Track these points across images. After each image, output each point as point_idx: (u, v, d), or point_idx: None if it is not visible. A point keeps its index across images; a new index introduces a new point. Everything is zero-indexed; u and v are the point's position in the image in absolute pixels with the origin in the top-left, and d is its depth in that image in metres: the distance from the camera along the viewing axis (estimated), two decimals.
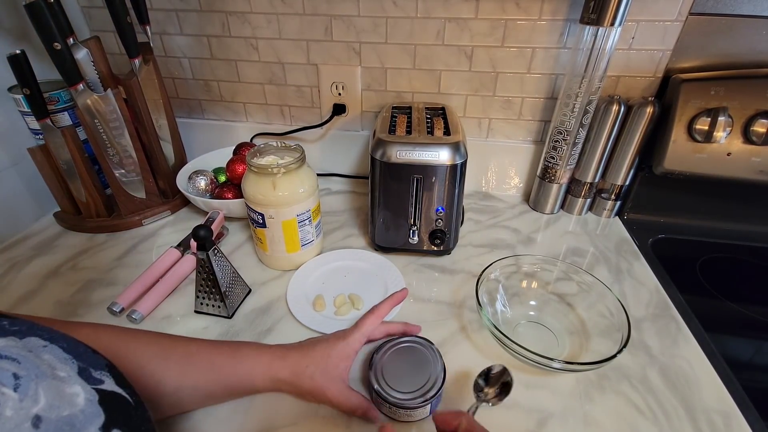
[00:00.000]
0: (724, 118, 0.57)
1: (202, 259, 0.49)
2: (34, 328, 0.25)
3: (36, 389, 0.21)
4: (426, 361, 0.42)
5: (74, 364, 0.24)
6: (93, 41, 0.59)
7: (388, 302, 0.48)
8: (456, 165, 0.54)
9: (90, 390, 0.23)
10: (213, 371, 0.40)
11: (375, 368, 0.42)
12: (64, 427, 0.21)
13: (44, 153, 0.62)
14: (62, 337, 0.26)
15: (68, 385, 0.23)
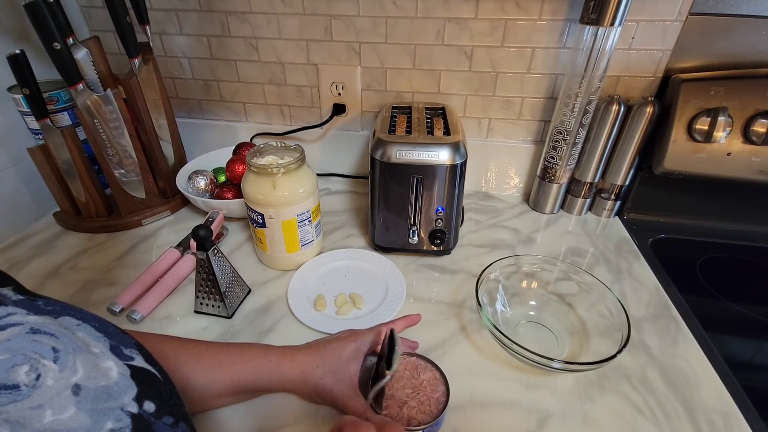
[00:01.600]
0: (724, 118, 0.57)
1: (201, 259, 0.49)
2: (68, 309, 0.26)
3: (74, 361, 0.23)
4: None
5: (106, 341, 0.26)
6: (93, 41, 0.59)
7: (402, 321, 0.48)
8: (456, 165, 0.54)
9: (122, 365, 0.25)
10: (221, 369, 0.39)
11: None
12: (102, 395, 0.22)
13: (44, 153, 0.62)
14: (93, 317, 0.27)
15: (102, 360, 0.24)
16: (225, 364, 0.40)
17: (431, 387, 0.40)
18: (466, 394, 0.43)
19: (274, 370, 0.40)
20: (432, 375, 0.41)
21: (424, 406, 0.39)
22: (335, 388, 0.40)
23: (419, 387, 0.40)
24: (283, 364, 0.41)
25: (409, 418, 0.38)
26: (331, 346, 0.42)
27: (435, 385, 0.40)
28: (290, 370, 0.40)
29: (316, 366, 0.40)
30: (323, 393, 0.40)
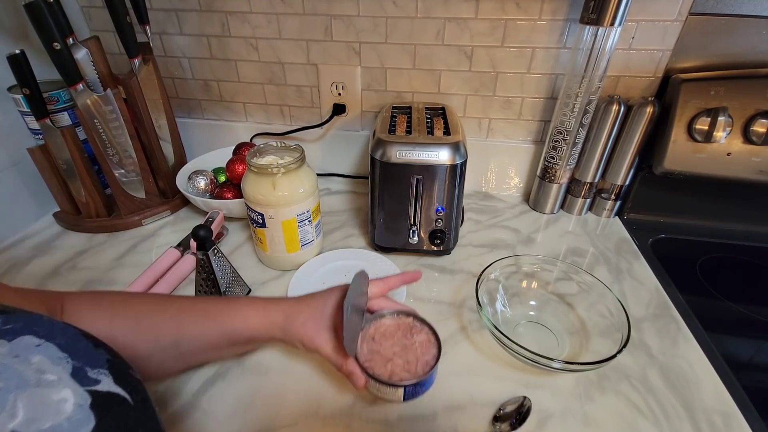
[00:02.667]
0: (724, 118, 0.57)
1: (201, 259, 0.49)
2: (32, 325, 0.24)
3: (14, 402, 0.20)
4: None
5: (68, 363, 0.23)
6: (93, 41, 0.59)
7: (399, 277, 0.48)
8: (456, 165, 0.54)
9: (82, 392, 0.22)
10: (208, 320, 0.40)
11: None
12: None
13: (44, 153, 0.62)
14: (61, 332, 0.25)
15: (56, 390, 0.22)
16: (213, 314, 0.40)
17: (422, 349, 0.40)
18: (466, 394, 0.43)
19: (261, 317, 0.41)
20: (426, 338, 0.42)
21: (410, 366, 0.39)
22: (316, 336, 0.40)
23: (409, 347, 0.41)
24: (269, 311, 0.41)
25: (391, 374, 0.38)
26: (317, 295, 0.43)
27: (427, 348, 0.41)
28: (276, 317, 0.41)
29: (299, 313, 0.41)
30: (305, 339, 0.40)
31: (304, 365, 0.46)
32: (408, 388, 0.38)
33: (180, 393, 0.43)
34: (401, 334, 0.42)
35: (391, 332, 0.42)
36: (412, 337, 0.42)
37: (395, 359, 0.40)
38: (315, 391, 0.43)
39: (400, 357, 0.40)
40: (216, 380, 0.44)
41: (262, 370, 0.45)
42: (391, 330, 0.43)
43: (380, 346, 0.41)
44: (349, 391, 0.43)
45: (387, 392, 0.39)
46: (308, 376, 0.45)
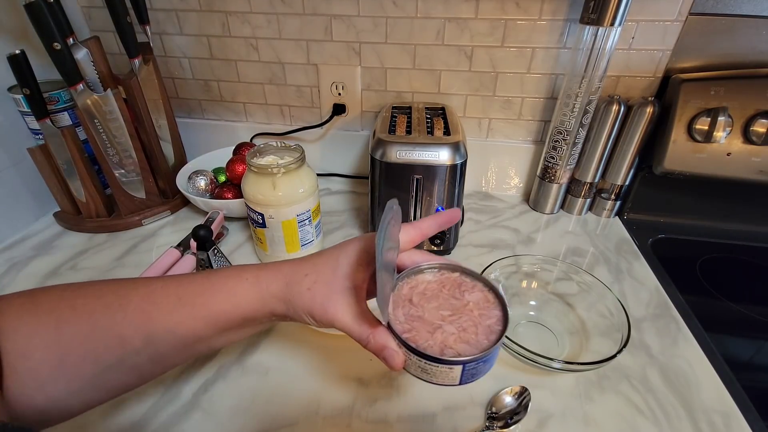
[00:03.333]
0: (724, 118, 0.57)
1: (201, 259, 0.49)
2: None
3: None
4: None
5: None
6: (93, 41, 0.59)
7: (434, 219, 0.35)
8: (456, 165, 0.54)
9: None
10: (184, 306, 0.31)
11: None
12: None
13: (44, 153, 0.62)
14: None
15: None
16: (189, 297, 0.31)
17: (480, 311, 0.30)
18: (466, 394, 0.43)
19: (253, 289, 0.32)
20: (482, 296, 0.31)
21: (467, 334, 0.29)
22: (328, 303, 0.30)
23: (461, 310, 0.30)
24: (262, 278, 0.32)
25: (443, 348, 0.28)
26: (327, 252, 0.33)
27: (486, 309, 0.30)
28: (272, 283, 0.32)
29: (304, 275, 0.31)
30: (314, 309, 0.30)
31: (304, 365, 0.46)
32: (468, 365, 0.27)
33: (180, 393, 0.43)
34: (447, 293, 0.32)
35: (435, 291, 0.32)
36: (463, 297, 0.31)
37: (445, 326, 0.29)
38: (315, 391, 0.43)
39: (452, 323, 0.29)
40: (216, 380, 0.44)
41: (262, 370, 0.45)
42: (434, 289, 0.32)
43: (422, 310, 0.30)
44: (349, 391, 0.43)
45: (437, 373, 0.28)
46: (308, 376, 0.45)
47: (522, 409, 0.41)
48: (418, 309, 0.30)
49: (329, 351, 0.47)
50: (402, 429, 0.40)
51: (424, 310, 0.30)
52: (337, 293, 0.30)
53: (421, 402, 0.42)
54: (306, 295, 0.31)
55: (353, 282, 0.31)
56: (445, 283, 0.32)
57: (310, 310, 0.31)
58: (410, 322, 0.30)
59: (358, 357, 0.46)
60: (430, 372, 0.28)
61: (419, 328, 0.29)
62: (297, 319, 0.32)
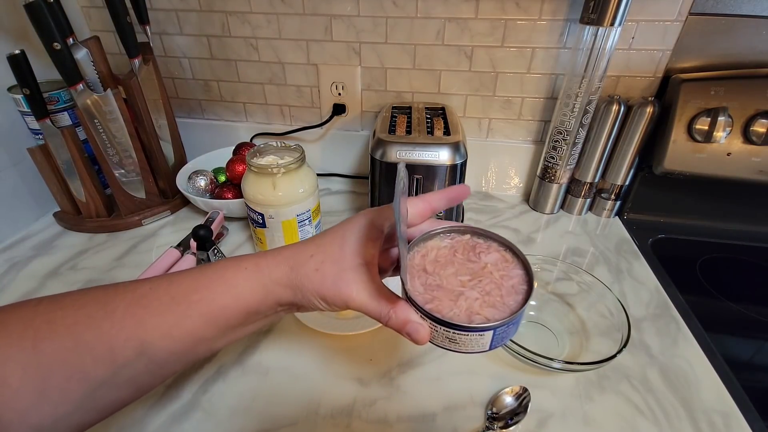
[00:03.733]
0: (724, 118, 0.57)
1: (201, 259, 0.49)
2: None
3: None
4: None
5: None
6: (93, 41, 0.59)
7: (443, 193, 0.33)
8: (456, 165, 0.54)
9: None
10: (179, 305, 0.28)
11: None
12: None
13: (44, 153, 0.62)
14: None
15: None
16: (182, 296, 0.29)
17: (501, 272, 0.29)
18: (466, 394, 0.43)
19: (253, 277, 0.29)
20: (499, 256, 0.30)
21: (492, 298, 0.27)
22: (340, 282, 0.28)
23: (481, 273, 0.29)
24: (263, 265, 0.30)
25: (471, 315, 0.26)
26: (332, 230, 0.31)
27: (506, 269, 0.29)
28: (275, 269, 0.29)
29: (309, 256, 0.29)
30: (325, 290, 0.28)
31: (304, 365, 0.46)
32: (499, 329, 0.26)
33: (180, 393, 0.43)
34: (462, 257, 0.30)
35: (448, 257, 0.30)
36: (480, 259, 0.29)
37: (467, 292, 0.27)
38: (315, 391, 0.43)
39: (474, 288, 0.28)
40: (216, 380, 0.44)
41: (262, 370, 0.45)
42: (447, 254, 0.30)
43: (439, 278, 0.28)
44: (349, 391, 0.43)
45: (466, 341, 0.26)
46: (308, 376, 0.45)
47: (522, 410, 0.41)
48: (435, 277, 0.28)
49: (329, 351, 0.47)
50: (402, 429, 0.40)
51: (442, 278, 0.28)
52: (348, 271, 0.28)
53: (421, 402, 0.42)
54: (314, 276, 0.28)
55: (363, 258, 0.28)
56: (457, 247, 0.31)
57: (321, 292, 0.28)
58: (430, 291, 0.28)
59: (358, 357, 0.46)
60: (459, 341, 0.27)
61: (441, 297, 0.27)
62: (307, 306, 0.29)
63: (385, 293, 0.28)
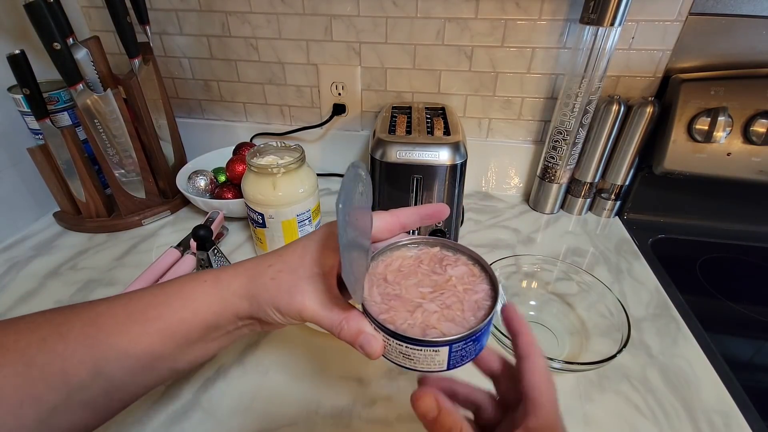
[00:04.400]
0: (724, 118, 0.57)
1: (201, 259, 0.49)
2: None
3: None
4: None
5: None
6: (93, 41, 0.59)
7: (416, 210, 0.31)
8: (456, 165, 0.54)
9: None
10: (135, 322, 0.27)
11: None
12: None
13: (44, 153, 0.62)
14: None
15: None
16: (138, 313, 0.28)
17: (465, 286, 0.27)
18: None
19: (212, 290, 0.28)
20: (466, 270, 0.28)
21: (452, 312, 0.25)
22: (294, 290, 0.27)
23: (443, 285, 0.27)
24: (222, 277, 0.29)
25: (426, 328, 0.24)
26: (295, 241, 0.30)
27: (472, 284, 0.27)
28: (233, 280, 0.28)
29: (268, 266, 0.28)
30: (279, 300, 0.27)
31: (305, 365, 0.46)
32: (455, 345, 0.24)
33: (180, 392, 0.43)
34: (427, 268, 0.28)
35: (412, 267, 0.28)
36: (445, 272, 0.28)
37: (426, 304, 0.26)
38: (315, 391, 0.43)
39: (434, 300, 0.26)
40: (216, 380, 0.44)
41: (262, 370, 0.45)
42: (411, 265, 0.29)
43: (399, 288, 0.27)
44: (349, 391, 0.43)
45: (421, 357, 0.24)
46: (308, 376, 0.45)
47: None
48: (395, 287, 0.27)
49: (329, 351, 0.47)
50: (402, 429, 0.40)
51: (402, 288, 0.27)
52: (304, 280, 0.27)
53: None
54: (270, 285, 0.27)
55: (321, 268, 0.27)
56: (423, 258, 0.29)
57: (275, 302, 0.27)
58: (387, 301, 0.26)
59: (358, 357, 0.46)
60: (413, 357, 0.24)
61: (398, 308, 0.25)
62: (264, 318, 0.28)
63: (339, 304, 0.27)
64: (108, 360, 0.26)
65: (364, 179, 0.27)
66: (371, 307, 0.26)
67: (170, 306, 0.28)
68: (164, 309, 0.28)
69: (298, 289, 0.27)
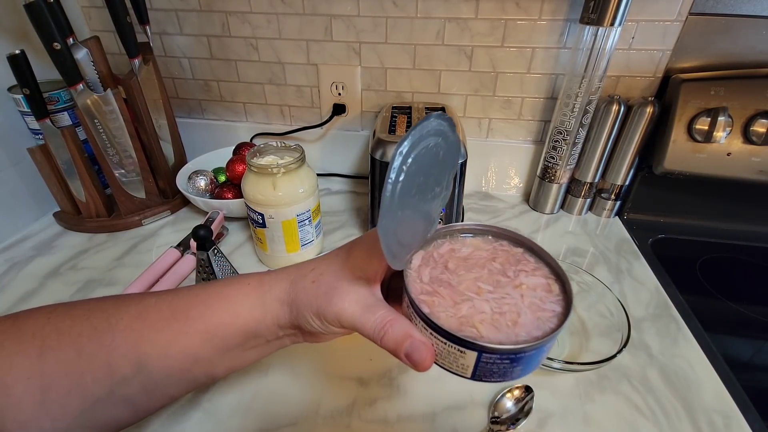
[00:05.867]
0: (724, 118, 0.57)
1: (201, 259, 0.49)
2: None
3: None
4: None
5: None
6: (93, 41, 0.59)
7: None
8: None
9: None
10: (178, 320, 0.27)
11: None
12: None
13: (44, 153, 0.62)
14: None
15: None
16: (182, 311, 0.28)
17: (532, 299, 0.23)
18: (466, 394, 0.43)
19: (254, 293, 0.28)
20: (543, 283, 0.25)
21: (503, 319, 0.22)
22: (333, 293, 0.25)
23: (508, 290, 0.24)
24: (265, 280, 0.28)
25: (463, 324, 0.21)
26: (344, 245, 0.29)
27: (542, 299, 0.24)
28: (276, 284, 0.28)
29: (311, 269, 0.27)
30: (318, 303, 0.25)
31: (305, 365, 0.46)
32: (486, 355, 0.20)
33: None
34: (499, 266, 0.25)
35: (481, 261, 0.25)
36: (517, 276, 0.25)
37: (477, 302, 0.23)
38: (315, 391, 0.43)
39: (488, 301, 0.23)
40: None
41: (262, 370, 0.45)
42: (482, 257, 0.25)
43: (456, 277, 0.24)
44: (349, 391, 0.43)
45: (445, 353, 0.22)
46: (308, 376, 0.45)
47: (523, 416, 0.41)
48: (451, 275, 0.24)
49: (329, 351, 0.47)
50: (402, 429, 0.40)
51: (460, 278, 0.24)
52: (345, 283, 0.25)
53: (421, 402, 0.42)
54: (310, 288, 0.26)
55: (365, 273, 0.25)
56: (498, 255, 0.25)
57: (315, 305, 0.25)
58: (435, 285, 0.23)
59: (359, 357, 0.46)
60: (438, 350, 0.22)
61: (444, 295, 0.22)
62: (303, 326, 0.27)
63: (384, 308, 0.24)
64: (149, 357, 0.26)
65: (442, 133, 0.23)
66: (413, 284, 0.23)
67: (211, 307, 0.28)
68: (204, 309, 0.28)
69: (338, 291, 0.25)
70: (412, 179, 0.21)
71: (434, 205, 0.26)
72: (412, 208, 0.22)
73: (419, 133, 0.21)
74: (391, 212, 0.20)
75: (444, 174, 0.26)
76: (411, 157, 0.21)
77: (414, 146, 0.21)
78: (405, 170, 0.20)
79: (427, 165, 0.22)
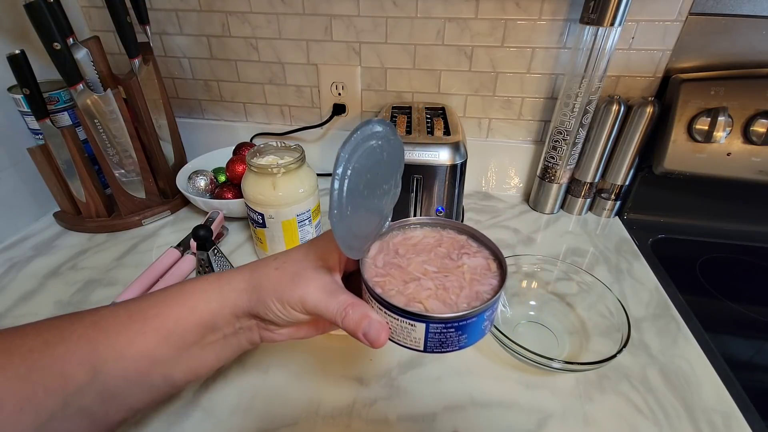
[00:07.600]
0: (724, 118, 0.57)
1: (201, 259, 0.49)
2: None
3: None
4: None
5: None
6: (93, 41, 0.59)
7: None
8: (456, 165, 0.54)
9: None
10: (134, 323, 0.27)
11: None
12: None
13: (44, 153, 0.62)
14: None
15: None
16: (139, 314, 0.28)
17: (473, 277, 0.26)
18: (466, 394, 0.43)
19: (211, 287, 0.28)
20: (483, 263, 0.27)
21: (446, 294, 0.25)
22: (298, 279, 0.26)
23: (452, 270, 0.27)
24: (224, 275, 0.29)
25: (411, 300, 0.25)
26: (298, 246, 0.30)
27: (481, 277, 0.26)
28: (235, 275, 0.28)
29: (273, 259, 0.29)
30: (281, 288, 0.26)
31: (305, 365, 0.46)
32: (434, 326, 0.23)
33: (180, 392, 0.43)
34: (445, 251, 0.28)
35: (428, 246, 0.28)
36: (460, 259, 0.28)
37: (424, 280, 0.26)
38: (315, 391, 0.43)
39: (433, 279, 0.26)
40: (216, 379, 0.44)
41: (262, 369, 0.45)
42: (429, 243, 0.28)
43: (406, 261, 0.27)
44: (349, 391, 0.43)
45: (397, 328, 0.25)
46: (308, 376, 0.45)
47: None
48: (402, 260, 0.27)
49: (329, 351, 0.47)
50: (402, 429, 0.40)
51: (409, 262, 0.27)
52: (310, 270, 0.27)
53: (421, 402, 0.42)
54: (273, 275, 0.27)
55: (326, 263, 0.27)
56: (444, 241, 0.29)
57: (278, 290, 0.26)
58: (386, 268, 0.26)
59: (358, 357, 0.46)
60: (393, 327, 0.25)
61: (395, 276, 0.26)
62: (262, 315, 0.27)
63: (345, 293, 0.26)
64: (105, 362, 0.26)
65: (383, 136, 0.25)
66: (368, 269, 0.26)
67: (169, 306, 0.28)
68: (163, 308, 0.28)
69: (303, 277, 0.27)
70: (359, 176, 0.23)
71: (385, 201, 0.28)
72: (362, 203, 0.25)
73: (362, 135, 0.23)
74: (341, 207, 0.22)
75: (391, 173, 0.28)
76: (356, 156, 0.23)
77: (357, 147, 0.23)
78: (351, 168, 0.23)
79: (372, 164, 0.25)
